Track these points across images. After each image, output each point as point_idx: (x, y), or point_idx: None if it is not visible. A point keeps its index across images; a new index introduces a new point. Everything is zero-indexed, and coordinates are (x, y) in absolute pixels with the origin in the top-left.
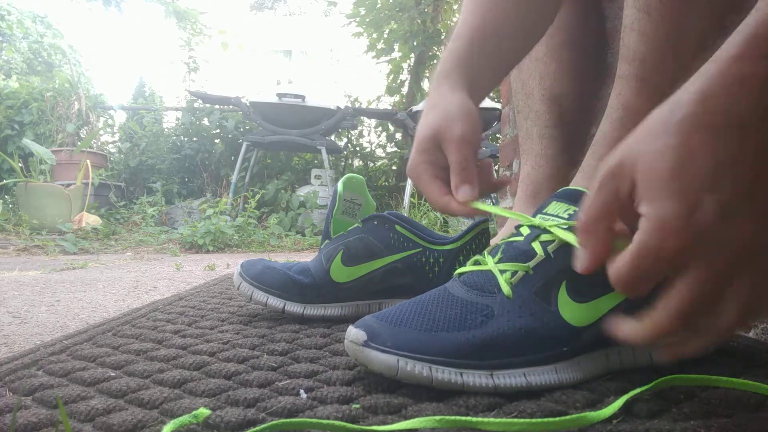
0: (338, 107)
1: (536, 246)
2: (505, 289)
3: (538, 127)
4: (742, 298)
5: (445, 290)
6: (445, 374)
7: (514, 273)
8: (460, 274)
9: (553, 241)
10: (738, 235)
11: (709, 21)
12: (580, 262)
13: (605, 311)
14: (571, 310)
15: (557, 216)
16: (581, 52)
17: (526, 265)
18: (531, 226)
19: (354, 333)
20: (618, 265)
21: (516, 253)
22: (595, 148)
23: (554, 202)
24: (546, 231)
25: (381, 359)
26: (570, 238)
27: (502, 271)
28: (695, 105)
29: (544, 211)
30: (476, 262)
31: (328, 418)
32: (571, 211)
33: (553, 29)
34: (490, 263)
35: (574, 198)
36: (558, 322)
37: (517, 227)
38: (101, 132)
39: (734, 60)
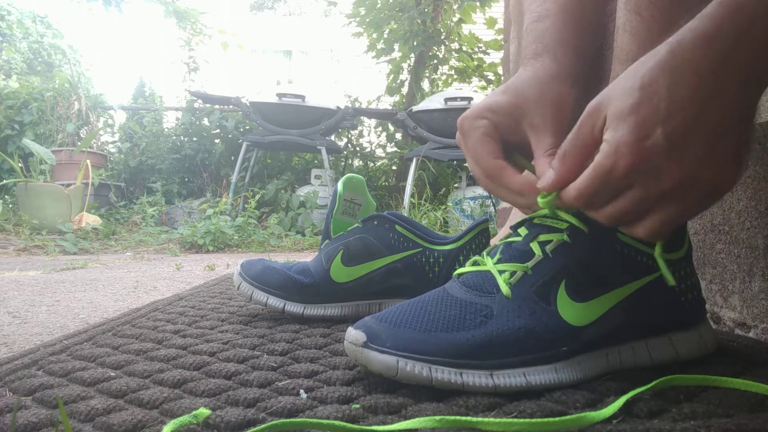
0: (338, 107)
1: (534, 246)
2: (504, 289)
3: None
4: (664, 217)
5: (444, 291)
6: (444, 374)
7: (513, 273)
8: (460, 274)
9: (551, 241)
10: (677, 167)
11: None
12: (545, 179)
13: (604, 311)
14: (570, 310)
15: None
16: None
17: (525, 265)
18: (533, 227)
19: (353, 334)
20: (578, 183)
21: (514, 253)
22: None
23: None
24: (544, 231)
25: (380, 360)
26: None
27: (501, 272)
28: (666, 54)
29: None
30: (475, 263)
31: (328, 418)
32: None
33: None
34: (488, 264)
35: None
36: (557, 322)
37: (514, 227)
38: (101, 132)
39: (704, 17)
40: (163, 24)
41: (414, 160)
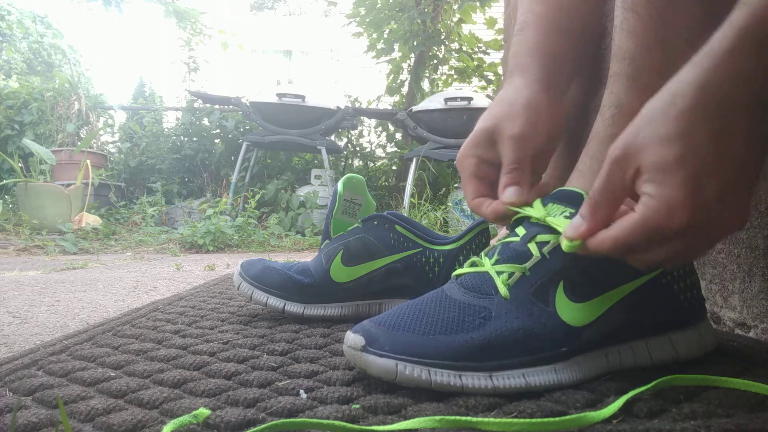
0: (338, 107)
1: (532, 247)
2: (503, 290)
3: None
4: (686, 255)
5: (443, 292)
6: (443, 377)
7: (511, 274)
8: (458, 275)
9: (549, 242)
10: (727, 216)
11: (695, 17)
12: (573, 229)
13: (603, 311)
14: (569, 311)
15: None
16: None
17: (523, 266)
18: (530, 227)
19: (352, 338)
20: (616, 233)
21: (512, 254)
22: (589, 146)
23: (551, 204)
24: (542, 232)
25: (379, 364)
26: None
27: (499, 273)
28: (695, 96)
29: (545, 207)
30: (473, 264)
31: (328, 418)
32: (567, 213)
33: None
34: (486, 265)
35: (570, 199)
36: (556, 323)
37: (512, 227)
38: (101, 132)
39: (728, 54)
40: (163, 24)
41: (414, 160)
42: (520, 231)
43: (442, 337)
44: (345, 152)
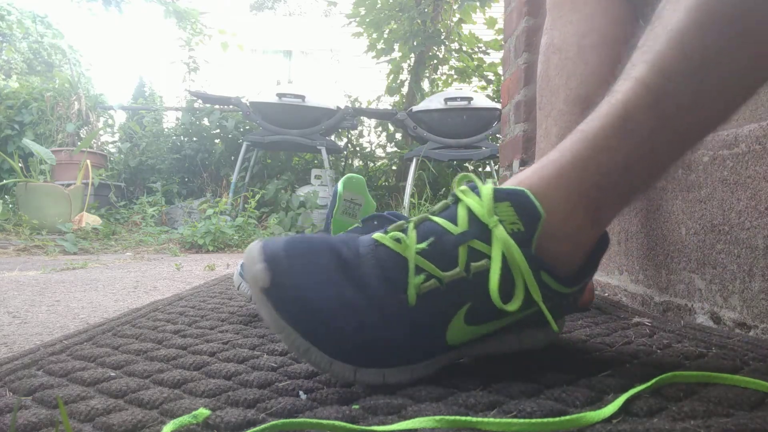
0: (338, 107)
1: (462, 254)
2: (411, 296)
3: (558, 127)
4: None
5: (358, 260)
6: (317, 357)
7: (428, 277)
8: (378, 242)
9: (482, 258)
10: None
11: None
12: None
13: (486, 332)
14: (456, 331)
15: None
16: (612, 56)
17: (443, 275)
18: (471, 217)
19: (259, 270)
20: None
21: (440, 251)
22: (578, 150)
23: (505, 204)
24: (480, 238)
25: (271, 319)
26: (495, 274)
27: (418, 269)
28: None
29: (497, 203)
30: (397, 239)
31: (328, 419)
32: (515, 228)
33: (587, 29)
34: (411, 251)
35: (527, 212)
36: (438, 341)
37: (455, 200)
38: (101, 132)
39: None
40: (163, 24)
41: (414, 160)
42: (461, 218)
43: (336, 324)
44: (345, 152)
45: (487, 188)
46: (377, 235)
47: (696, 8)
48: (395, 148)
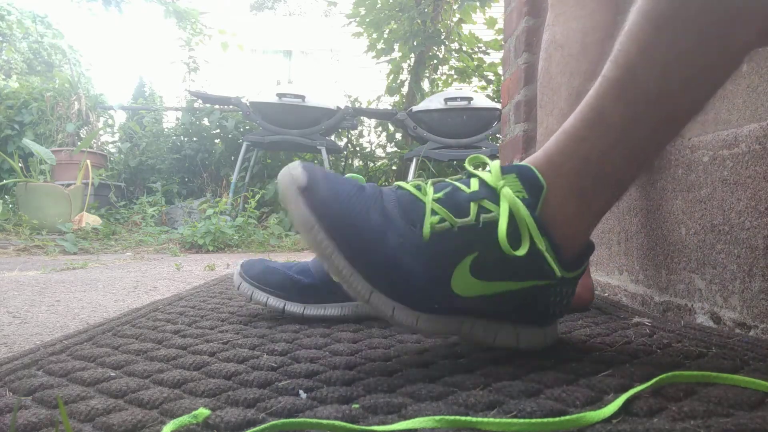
0: (338, 107)
1: (473, 208)
2: (426, 231)
3: (560, 125)
4: None
5: (380, 195)
6: (338, 262)
7: (442, 220)
8: (399, 187)
9: (491, 212)
10: None
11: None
12: None
13: (489, 293)
14: (461, 280)
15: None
16: None
17: (456, 220)
18: (481, 183)
19: (299, 172)
20: None
21: (454, 202)
22: (558, 141)
23: (512, 176)
24: (491, 198)
25: (301, 215)
26: (503, 222)
27: (433, 212)
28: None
29: (504, 175)
30: (418, 187)
31: (328, 418)
32: (521, 196)
33: (591, 26)
34: (429, 197)
35: (531, 184)
36: (444, 285)
37: (468, 176)
38: (101, 132)
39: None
40: (163, 24)
41: (414, 160)
42: (474, 184)
43: (357, 240)
44: (345, 152)
45: (495, 163)
46: (399, 182)
47: (650, 10)
48: (395, 148)
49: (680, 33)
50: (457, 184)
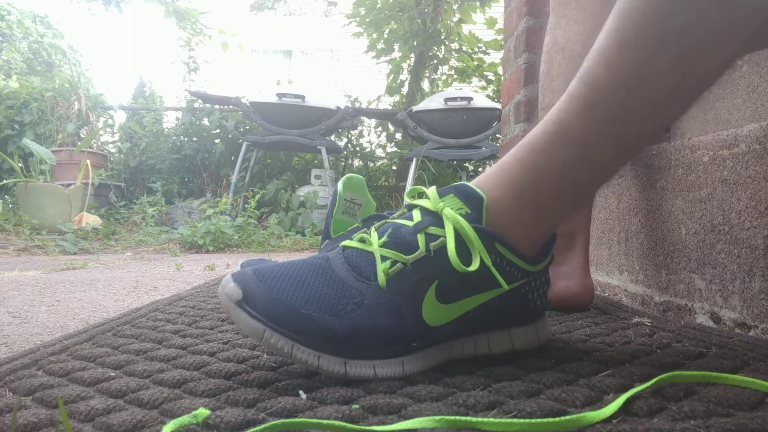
0: (338, 107)
1: (420, 239)
2: (381, 279)
3: None
4: None
5: (327, 263)
6: (303, 354)
7: (394, 263)
8: (345, 247)
9: (438, 237)
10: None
11: (669, 74)
12: None
13: (462, 312)
14: (432, 310)
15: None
16: None
17: (406, 258)
18: (423, 212)
19: (231, 288)
20: None
21: (400, 241)
22: (518, 152)
23: (451, 196)
24: (435, 224)
25: (249, 324)
26: (450, 241)
27: (383, 258)
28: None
29: (442, 198)
30: (362, 240)
31: (328, 419)
32: (463, 212)
33: (592, 28)
34: (374, 245)
35: (471, 200)
36: (416, 321)
37: (409, 208)
38: (101, 132)
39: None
40: (163, 24)
41: (414, 160)
42: (416, 216)
43: (314, 316)
44: (345, 152)
45: (431, 189)
46: (343, 242)
47: (617, 29)
48: (395, 148)
49: (647, 54)
50: (399, 221)
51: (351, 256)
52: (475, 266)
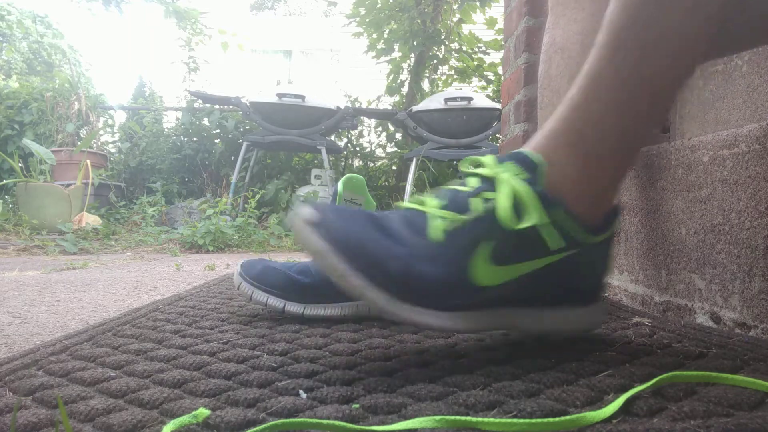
0: (338, 107)
1: (476, 201)
2: (435, 234)
3: None
4: None
5: (387, 216)
6: (354, 281)
7: (450, 221)
8: (403, 207)
9: (492, 200)
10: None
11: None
12: None
13: (514, 277)
14: (483, 271)
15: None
16: None
17: (462, 217)
18: (483, 181)
19: (309, 212)
20: None
21: (455, 203)
22: (560, 110)
23: (509, 163)
24: (489, 189)
25: (313, 244)
26: (504, 201)
27: (438, 218)
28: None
29: (500, 164)
30: (419, 201)
31: (328, 418)
32: (523, 176)
33: (591, 28)
34: (429, 206)
35: (528, 166)
36: (465, 278)
37: (464, 176)
38: (101, 132)
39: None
40: (163, 24)
41: (414, 160)
42: (472, 182)
43: (373, 252)
44: (345, 152)
45: (489, 156)
46: (401, 203)
47: None
48: (395, 148)
49: None
50: (456, 187)
51: (407, 215)
52: (526, 223)
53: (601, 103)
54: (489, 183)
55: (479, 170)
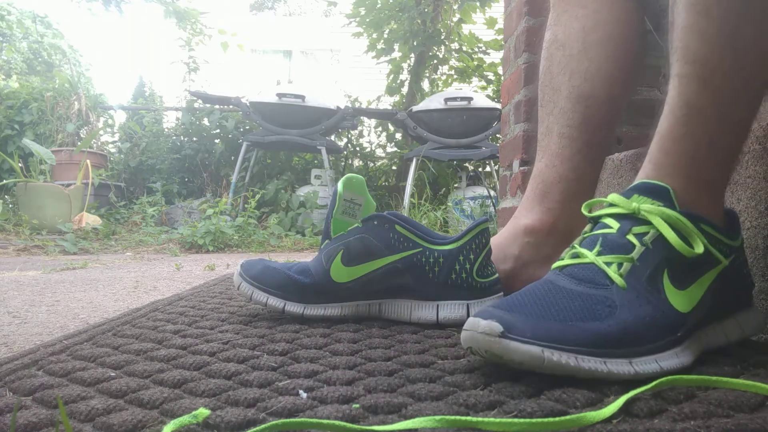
0: (338, 107)
1: (632, 238)
2: (618, 280)
3: (560, 125)
4: None
5: (551, 284)
6: (591, 363)
7: (620, 264)
8: (561, 267)
9: (648, 232)
10: None
11: (763, 21)
12: None
13: (700, 296)
14: (676, 297)
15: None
16: (617, 53)
17: (630, 256)
18: (622, 219)
19: (485, 324)
20: None
21: (614, 245)
22: (662, 144)
23: (638, 196)
24: (635, 224)
25: (524, 350)
26: (668, 231)
27: (608, 263)
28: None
29: (629, 198)
30: (575, 255)
31: (328, 418)
32: (657, 205)
33: (592, 25)
34: (590, 256)
35: (659, 194)
36: (670, 310)
37: (595, 219)
38: (101, 132)
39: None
40: (163, 24)
41: (414, 160)
42: (612, 223)
43: (580, 325)
44: (345, 152)
45: (612, 196)
46: (555, 264)
47: (695, 4)
48: (395, 148)
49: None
50: (598, 232)
51: (574, 272)
52: (700, 248)
53: (706, 128)
54: (629, 219)
55: (610, 210)
